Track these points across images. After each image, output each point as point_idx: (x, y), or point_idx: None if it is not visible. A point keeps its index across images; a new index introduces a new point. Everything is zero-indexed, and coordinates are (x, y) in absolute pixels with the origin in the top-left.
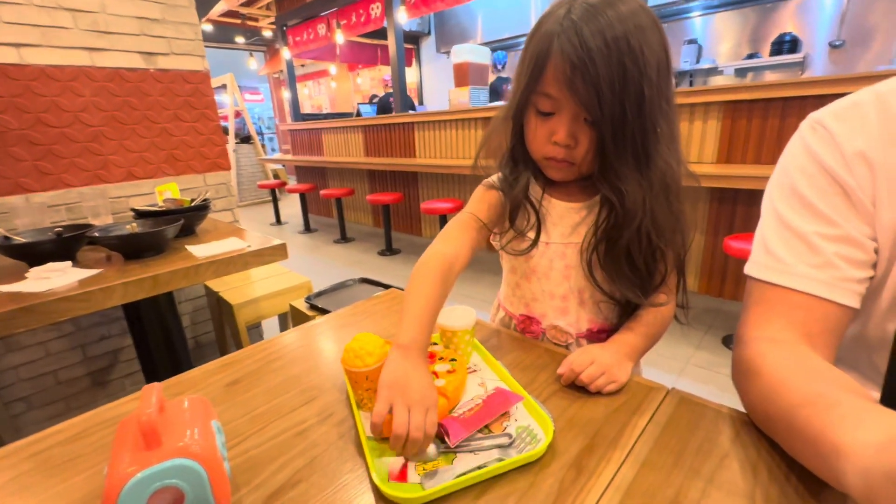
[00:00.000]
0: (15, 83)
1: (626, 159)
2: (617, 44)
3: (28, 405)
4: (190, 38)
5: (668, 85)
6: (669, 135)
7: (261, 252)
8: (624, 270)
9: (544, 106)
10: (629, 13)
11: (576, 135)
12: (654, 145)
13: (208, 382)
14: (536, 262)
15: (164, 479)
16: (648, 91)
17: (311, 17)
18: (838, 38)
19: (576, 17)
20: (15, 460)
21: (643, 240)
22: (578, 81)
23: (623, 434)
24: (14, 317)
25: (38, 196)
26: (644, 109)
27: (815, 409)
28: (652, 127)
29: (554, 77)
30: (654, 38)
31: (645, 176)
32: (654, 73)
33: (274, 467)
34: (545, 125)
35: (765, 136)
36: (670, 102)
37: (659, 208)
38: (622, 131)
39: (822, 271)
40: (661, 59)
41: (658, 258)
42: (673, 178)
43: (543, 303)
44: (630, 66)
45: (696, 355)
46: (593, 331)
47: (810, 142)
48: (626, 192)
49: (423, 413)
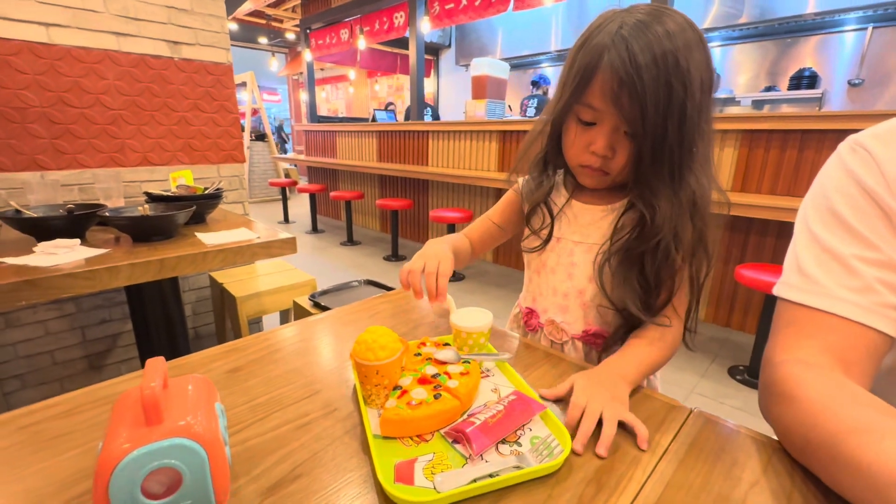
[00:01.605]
0: (40, 61)
1: (661, 176)
2: (665, 62)
3: (22, 383)
4: (216, 30)
5: (710, 105)
6: (704, 155)
7: (269, 244)
8: (632, 279)
9: (586, 116)
10: (678, 31)
11: (614, 146)
12: (689, 164)
13: (209, 368)
14: (547, 256)
15: (163, 459)
16: (691, 110)
17: (335, 22)
18: (858, 77)
19: (627, 33)
20: (5, 431)
21: (660, 254)
22: (625, 96)
23: (645, 453)
24: (17, 289)
25: (53, 174)
26: (685, 128)
27: (867, 438)
28: (689, 146)
29: (601, 90)
30: (700, 57)
31: (676, 194)
32: (698, 92)
33: (274, 459)
34: (585, 134)
35: (782, 167)
36: (709, 123)
37: (682, 226)
38: (661, 148)
39: (861, 296)
40: (705, 78)
41: (669, 275)
42: (702, 198)
43: (547, 298)
44: (676, 84)
45: (700, 384)
46: (589, 333)
47: (850, 163)
48: (659, 209)
49: (436, 261)
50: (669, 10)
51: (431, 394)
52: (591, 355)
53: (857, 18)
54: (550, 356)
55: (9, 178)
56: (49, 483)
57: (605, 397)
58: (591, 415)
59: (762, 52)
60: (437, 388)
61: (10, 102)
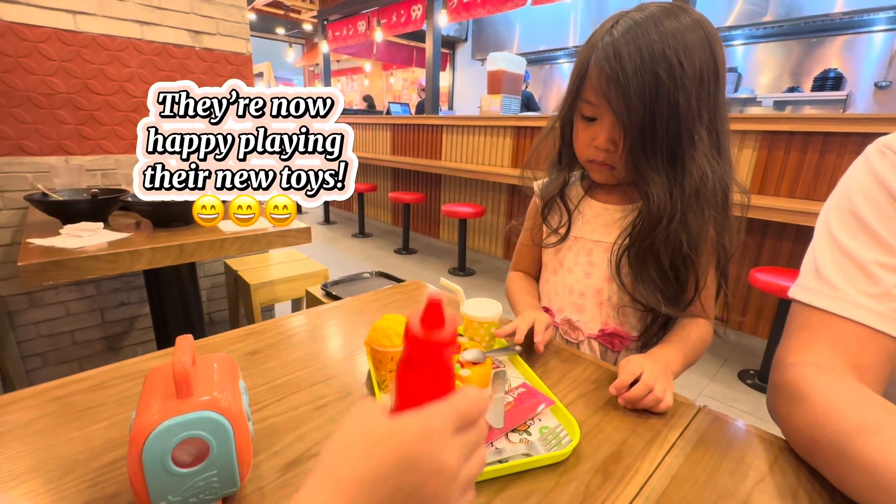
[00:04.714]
0: (67, 48)
1: (656, 165)
2: (652, 55)
3: (43, 361)
4: (237, 20)
5: (713, 96)
6: (713, 144)
7: (285, 233)
8: (650, 272)
9: (587, 111)
10: (673, 28)
11: (615, 140)
12: (690, 152)
13: (229, 349)
14: (564, 255)
15: (192, 430)
16: (684, 100)
17: (353, 14)
18: (885, 79)
19: (617, 31)
20: (39, 401)
21: (672, 244)
22: (612, 89)
23: (653, 446)
24: (45, 269)
25: (77, 159)
26: (677, 117)
27: (874, 438)
28: (688, 135)
29: (593, 84)
30: (700, 51)
31: (677, 182)
32: (694, 84)
33: (292, 437)
34: (589, 130)
35: (802, 169)
36: (716, 113)
37: (692, 215)
38: (651, 137)
39: (879, 302)
40: (706, 70)
41: (688, 266)
42: (711, 186)
43: (562, 297)
44: (664, 76)
45: (709, 387)
46: (605, 332)
47: (877, 166)
48: (652, 196)
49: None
50: (678, 7)
51: None
52: (606, 356)
53: (886, 19)
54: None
55: (36, 162)
56: (81, 451)
57: (657, 371)
58: (643, 384)
59: (786, 51)
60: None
61: (38, 88)
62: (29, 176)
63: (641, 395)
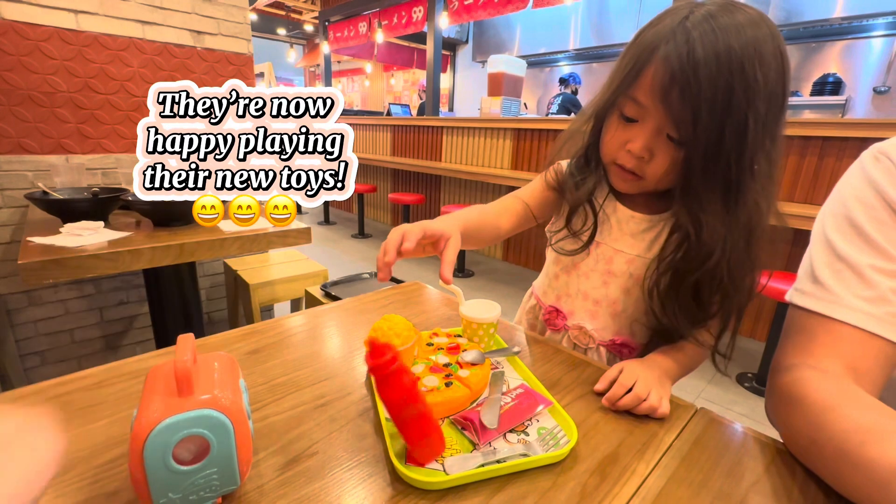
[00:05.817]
0: (69, 47)
1: (713, 190)
2: (729, 64)
3: (42, 360)
4: (238, 20)
5: (777, 121)
6: (768, 174)
7: (285, 234)
8: (686, 301)
9: (629, 111)
10: (753, 37)
11: (652, 149)
12: (749, 182)
13: (230, 348)
14: (581, 258)
15: (193, 428)
16: (753, 123)
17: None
18: (884, 84)
19: (691, 25)
20: (38, 399)
21: (715, 278)
22: (675, 94)
23: (649, 447)
24: (45, 268)
25: (78, 158)
26: (745, 142)
27: (871, 436)
28: (750, 163)
29: (650, 84)
30: (773, 68)
31: (732, 213)
32: (764, 105)
33: (292, 436)
34: (624, 131)
35: (800, 174)
36: (775, 140)
37: (737, 250)
38: (716, 159)
39: (874, 306)
40: (775, 91)
41: (724, 300)
42: (759, 220)
43: (575, 301)
44: (738, 91)
45: (707, 390)
46: (616, 342)
47: (872, 172)
48: (705, 225)
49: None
50: (757, 11)
51: (442, 382)
52: (613, 362)
53: (885, 24)
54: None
55: (36, 161)
56: (81, 448)
57: (652, 379)
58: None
59: None
60: (449, 376)
61: (39, 87)
62: (29, 174)
63: (632, 406)
